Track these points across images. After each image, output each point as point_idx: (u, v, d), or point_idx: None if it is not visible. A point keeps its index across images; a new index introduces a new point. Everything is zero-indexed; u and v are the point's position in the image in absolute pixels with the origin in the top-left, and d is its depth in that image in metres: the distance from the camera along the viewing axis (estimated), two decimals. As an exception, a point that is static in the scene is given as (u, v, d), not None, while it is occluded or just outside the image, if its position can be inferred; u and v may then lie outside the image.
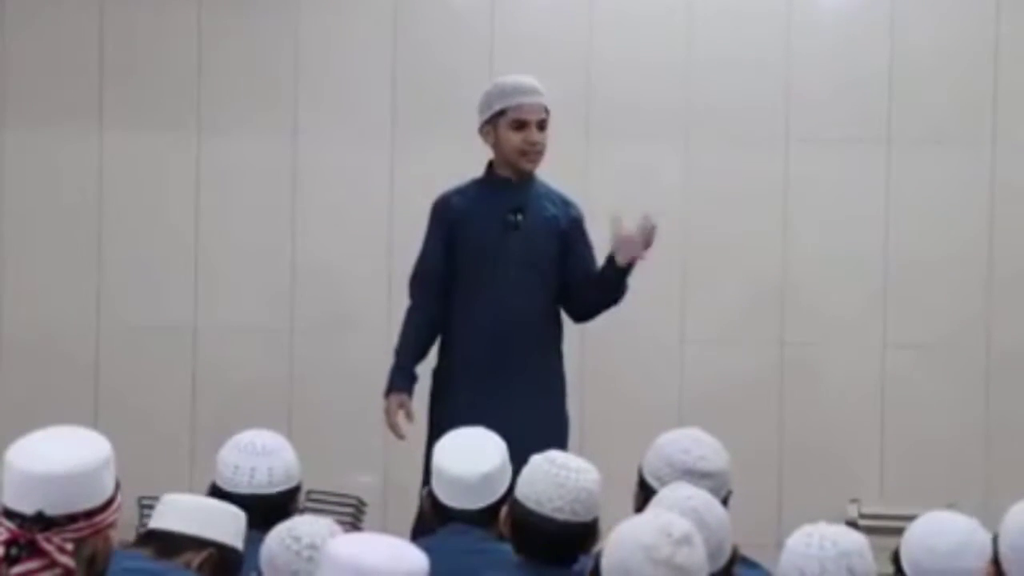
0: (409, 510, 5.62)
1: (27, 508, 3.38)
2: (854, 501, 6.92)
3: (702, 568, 3.53)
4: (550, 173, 6.13)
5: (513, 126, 6.03)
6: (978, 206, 7.20)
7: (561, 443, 5.77)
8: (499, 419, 5.00)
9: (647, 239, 5.90)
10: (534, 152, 6.05)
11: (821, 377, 7.27)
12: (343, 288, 7.17)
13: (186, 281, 7.44)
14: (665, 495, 4.12)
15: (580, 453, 4.58)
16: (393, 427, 6.09)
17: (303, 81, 7.41)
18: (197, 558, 4.02)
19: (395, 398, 6.09)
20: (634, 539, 3.48)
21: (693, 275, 7.27)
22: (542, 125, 6.05)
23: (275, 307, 7.41)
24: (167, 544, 4.01)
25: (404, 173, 7.25)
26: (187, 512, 4.06)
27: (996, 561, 3.76)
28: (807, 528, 3.79)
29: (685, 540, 3.51)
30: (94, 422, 6.42)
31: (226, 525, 4.11)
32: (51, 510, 3.37)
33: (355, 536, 3.75)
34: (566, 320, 6.17)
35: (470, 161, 6.15)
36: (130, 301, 7.47)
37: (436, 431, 5.83)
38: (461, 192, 6.15)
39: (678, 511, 3.92)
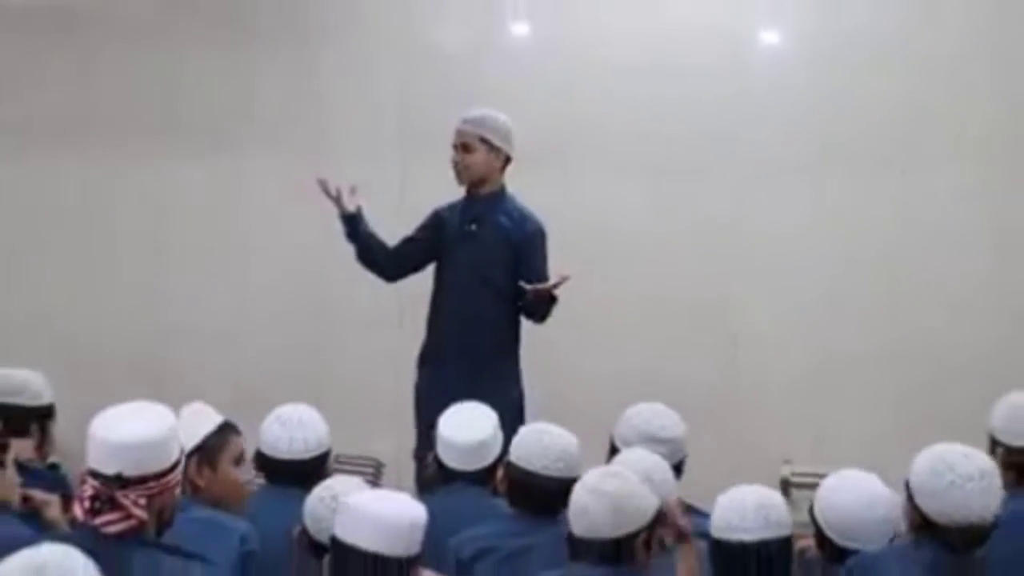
0: (420, 470, 5.64)
1: (108, 470, 3.48)
2: (787, 462, 6.98)
3: (629, 496, 3.72)
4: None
5: (453, 148, 6.07)
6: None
7: (512, 423, 5.36)
8: (460, 396, 5.00)
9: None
10: (457, 170, 6.05)
11: (767, 369, 7.30)
12: (358, 286, 7.16)
13: (235, 282, 7.48)
14: (622, 457, 4.28)
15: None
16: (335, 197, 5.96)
17: (326, 112, 7.44)
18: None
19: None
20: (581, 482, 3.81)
21: (650, 269, 7.31)
22: (465, 148, 6.01)
23: (305, 305, 7.43)
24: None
25: (412, 188, 7.22)
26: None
27: (910, 498, 3.89)
28: (734, 488, 3.93)
29: (614, 474, 3.80)
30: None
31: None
32: (128, 472, 3.47)
33: (367, 491, 3.86)
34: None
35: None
36: (186, 302, 7.51)
37: (418, 397, 6.02)
38: (450, 206, 6.14)
39: (632, 471, 4.05)
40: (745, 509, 3.80)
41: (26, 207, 7.58)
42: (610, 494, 3.72)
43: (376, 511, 3.48)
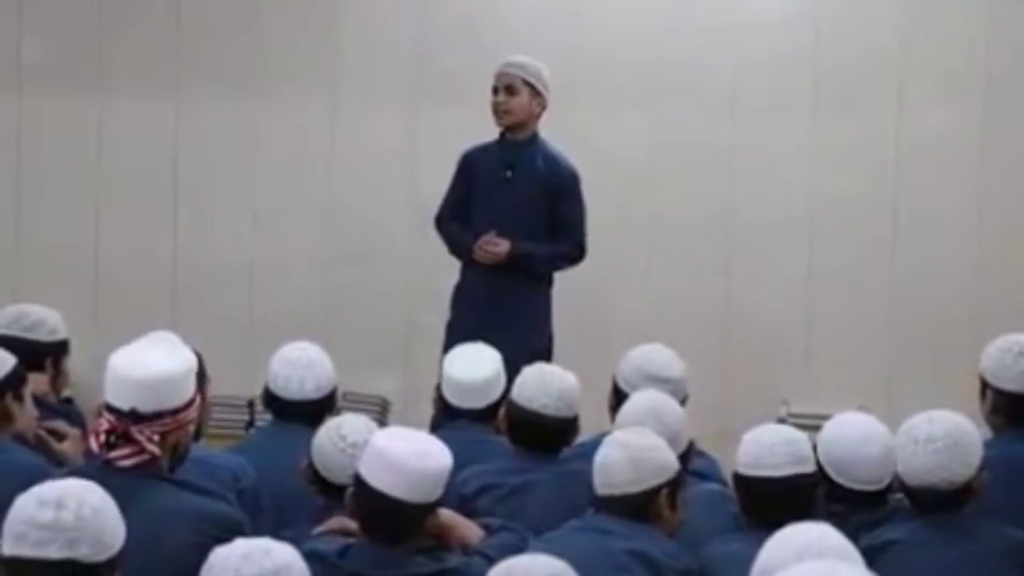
0: (424, 409, 5.65)
1: (124, 405, 3.49)
2: (784, 402, 6.99)
3: (650, 449, 3.73)
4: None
5: (492, 92, 6.04)
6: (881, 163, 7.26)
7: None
8: (489, 338, 5.02)
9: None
10: (499, 112, 6.02)
11: (759, 304, 7.30)
12: (371, 227, 7.16)
13: (247, 220, 7.46)
14: (635, 397, 4.29)
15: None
16: (492, 251, 5.96)
17: (343, 57, 7.41)
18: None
19: (483, 239, 5.96)
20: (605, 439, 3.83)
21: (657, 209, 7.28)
22: (509, 91, 5.99)
23: (316, 243, 7.42)
24: None
25: (424, 133, 7.21)
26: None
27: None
28: (759, 427, 3.95)
29: (636, 431, 3.85)
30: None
31: None
32: (143, 407, 3.49)
33: (395, 431, 3.74)
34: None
35: (480, 126, 6.13)
36: (200, 239, 7.51)
37: (448, 337, 5.95)
38: (481, 148, 6.11)
39: (644, 409, 4.09)
40: (774, 445, 3.81)
41: (43, 142, 7.59)
42: (630, 447, 3.72)
43: (410, 465, 3.44)
